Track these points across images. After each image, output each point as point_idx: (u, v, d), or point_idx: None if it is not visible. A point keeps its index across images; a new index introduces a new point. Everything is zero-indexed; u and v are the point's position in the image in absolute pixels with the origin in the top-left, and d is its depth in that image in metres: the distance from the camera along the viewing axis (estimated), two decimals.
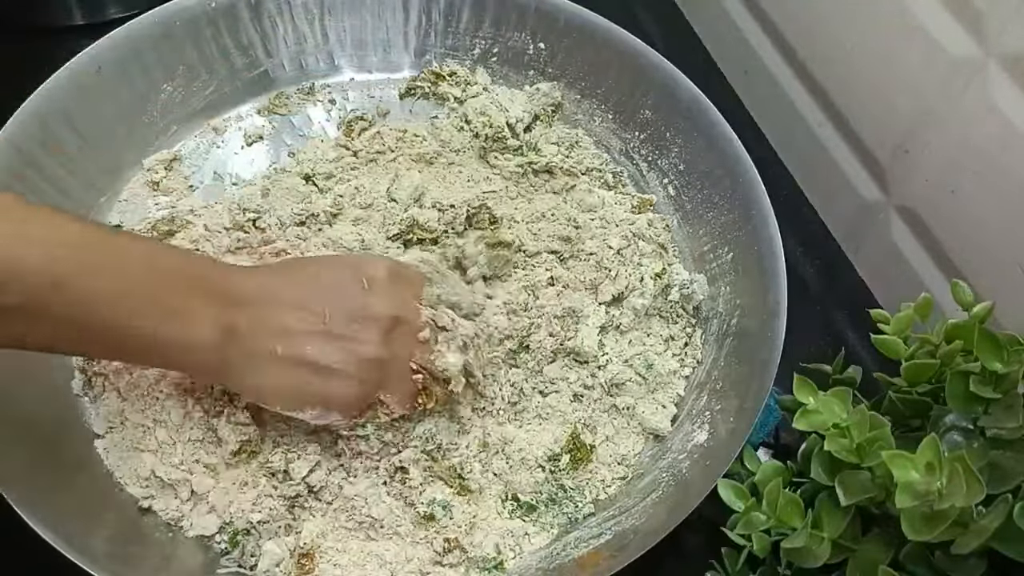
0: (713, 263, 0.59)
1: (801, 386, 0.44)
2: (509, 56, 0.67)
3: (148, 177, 0.62)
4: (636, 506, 0.51)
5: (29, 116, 0.56)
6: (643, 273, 0.57)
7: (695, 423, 0.53)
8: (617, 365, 0.55)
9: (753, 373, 0.52)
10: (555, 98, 0.66)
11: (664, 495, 0.50)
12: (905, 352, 0.45)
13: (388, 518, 0.49)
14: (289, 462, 0.50)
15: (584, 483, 0.52)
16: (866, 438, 0.40)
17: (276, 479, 0.50)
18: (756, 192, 0.57)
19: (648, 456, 0.54)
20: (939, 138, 0.58)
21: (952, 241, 0.59)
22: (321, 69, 0.67)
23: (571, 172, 0.63)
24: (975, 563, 0.38)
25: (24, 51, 0.59)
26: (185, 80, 0.63)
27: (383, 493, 0.50)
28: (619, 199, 0.63)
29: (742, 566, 0.47)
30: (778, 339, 0.51)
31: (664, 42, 0.65)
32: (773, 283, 0.54)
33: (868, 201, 0.65)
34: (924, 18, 0.56)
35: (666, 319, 0.58)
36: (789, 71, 0.70)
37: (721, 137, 0.60)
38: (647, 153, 0.64)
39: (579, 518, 0.51)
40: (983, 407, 0.41)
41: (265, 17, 0.65)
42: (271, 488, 0.49)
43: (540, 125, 0.66)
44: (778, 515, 0.43)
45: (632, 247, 0.59)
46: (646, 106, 0.64)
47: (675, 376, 0.56)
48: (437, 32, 0.68)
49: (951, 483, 0.36)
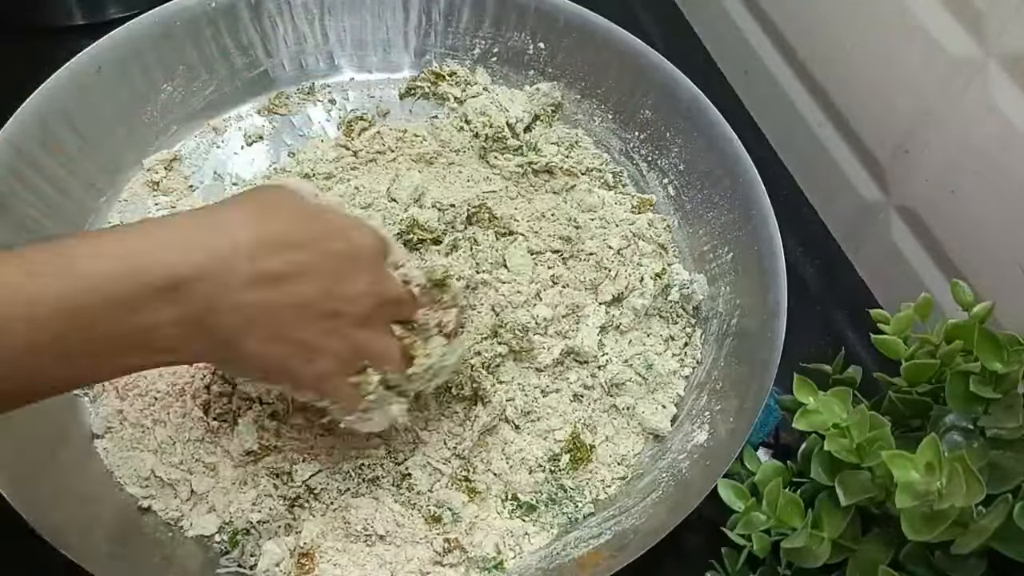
0: (713, 263, 0.59)
1: (801, 386, 0.44)
2: (509, 56, 0.67)
3: (148, 177, 0.62)
4: (636, 506, 0.51)
5: (29, 116, 0.56)
6: (643, 273, 0.57)
7: (695, 423, 0.53)
8: (617, 365, 0.55)
9: (753, 373, 0.52)
10: (555, 98, 0.66)
11: (664, 495, 0.50)
12: (905, 352, 0.45)
13: (391, 526, 0.49)
14: (293, 463, 0.50)
15: (584, 483, 0.52)
16: (866, 438, 0.40)
17: (280, 480, 0.50)
18: (756, 192, 0.57)
19: (648, 456, 0.54)
20: (939, 138, 0.58)
21: (952, 241, 0.59)
22: (321, 69, 0.67)
23: (571, 172, 0.63)
24: (975, 563, 0.38)
25: (24, 51, 0.58)
26: (185, 80, 0.63)
27: (389, 500, 0.50)
28: (619, 199, 0.63)
29: (742, 566, 0.47)
30: (778, 339, 0.51)
31: (664, 42, 0.65)
32: (773, 283, 0.54)
33: (868, 201, 0.65)
34: (924, 18, 0.56)
35: (666, 319, 0.58)
36: (789, 71, 0.70)
37: (721, 137, 0.60)
38: (647, 153, 0.64)
39: (579, 518, 0.51)
40: (983, 407, 0.41)
41: (265, 17, 0.65)
42: (271, 488, 0.49)
43: (540, 125, 0.66)
44: (778, 515, 0.43)
45: (632, 247, 0.59)
46: (646, 106, 0.64)
47: (675, 376, 0.56)
48: (437, 32, 0.68)
49: (951, 483, 0.36)
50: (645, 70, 0.63)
